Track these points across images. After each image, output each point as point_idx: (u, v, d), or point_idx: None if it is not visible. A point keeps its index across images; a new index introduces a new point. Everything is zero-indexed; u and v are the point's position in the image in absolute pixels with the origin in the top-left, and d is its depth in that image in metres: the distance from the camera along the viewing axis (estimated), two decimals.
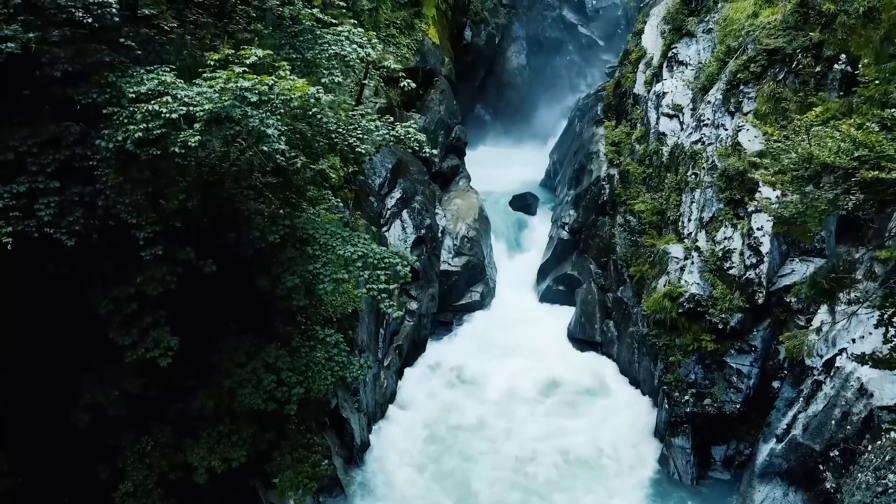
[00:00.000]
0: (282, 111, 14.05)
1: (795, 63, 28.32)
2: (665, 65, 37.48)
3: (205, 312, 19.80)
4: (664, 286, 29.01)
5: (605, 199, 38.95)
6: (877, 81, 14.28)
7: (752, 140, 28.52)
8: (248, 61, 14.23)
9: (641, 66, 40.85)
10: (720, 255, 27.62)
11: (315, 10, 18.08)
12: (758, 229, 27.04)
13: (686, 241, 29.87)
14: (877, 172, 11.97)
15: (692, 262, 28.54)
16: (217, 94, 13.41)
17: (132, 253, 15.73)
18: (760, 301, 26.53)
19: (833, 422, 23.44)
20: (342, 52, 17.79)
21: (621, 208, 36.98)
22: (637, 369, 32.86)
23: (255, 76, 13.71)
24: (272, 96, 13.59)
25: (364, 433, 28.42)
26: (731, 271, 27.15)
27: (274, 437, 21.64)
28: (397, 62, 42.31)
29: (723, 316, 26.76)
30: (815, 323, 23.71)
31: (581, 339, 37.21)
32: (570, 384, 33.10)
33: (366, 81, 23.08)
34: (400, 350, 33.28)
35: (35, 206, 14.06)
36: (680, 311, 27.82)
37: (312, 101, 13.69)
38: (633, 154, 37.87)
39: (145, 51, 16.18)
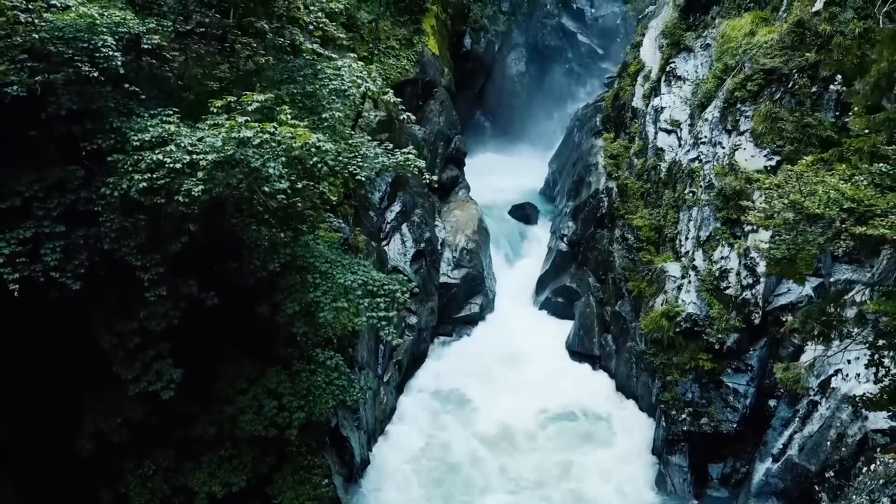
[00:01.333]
0: (283, 159, 14.26)
1: (792, 83, 28.51)
2: (663, 79, 37.69)
3: (206, 339, 20.05)
4: (662, 305, 29.25)
5: (603, 212, 39.18)
6: (867, 130, 14.50)
7: (748, 159, 28.72)
8: (250, 108, 14.47)
9: (640, 80, 41.08)
10: (717, 274, 27.85)
11: (315, 46, 18.28)
12: (755, 248, 27.22)
13: (683, 259, 30.12)
14: (864, 228, 12.21)
15: (689, 282, 28.78)
16: (221, 143, 13.64)
17: (135, 287, 15.97)
18: (757, 321, 26.75)
19: (828, 443, 23.69)
20: (342, 87, 17.99)
21: (619, 222, 37.24)
22: (635, 384, 33.08)
23: (257, 125, 13.93)
24: (274, 145, 13.81)
25: (364, 451, 28.64)
26: (727, 291, 27.38)
27: (275, 460, 21.93)
28: (397, 73, 42.92)
29: (719, 336, 26.98)
30: (808, 354, 23.95)
31: (579, 352, 37.44)
32: (569, 402, 33.22)
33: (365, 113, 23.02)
34: (399, 365, 33.49)
35: (41, 250, 14.31)
36: (677, 330, 28.05)
37: (314, 149, 13.92)
38: (632, 168, 38.10)
39: (149, 84, 16.42)
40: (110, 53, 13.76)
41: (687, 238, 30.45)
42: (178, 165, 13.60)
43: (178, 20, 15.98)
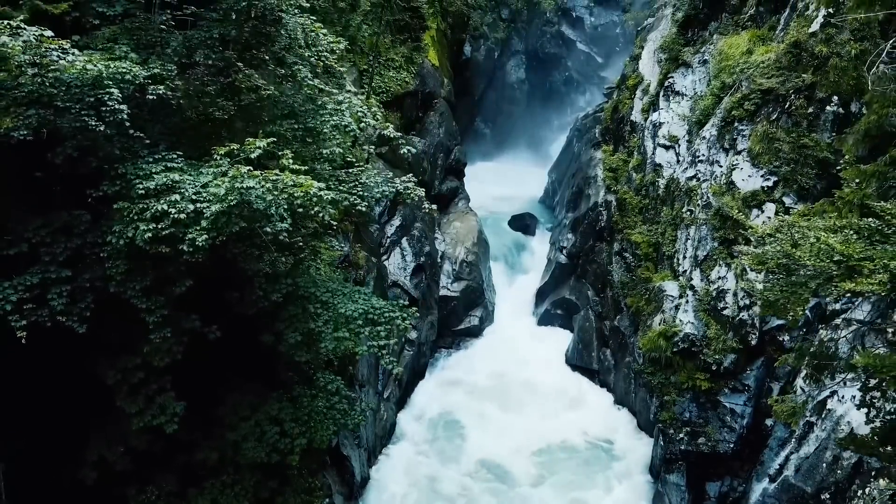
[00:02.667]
0: (285, 206, 14.49)
1: (788, 104, 28.70)
2: (662, 93, 37.89)
3: (209, 367, 20.28)
4: (659, 325, 29.48)
5: (602, 225, 39.45)
6: (857, 180, 14.73)
7: (745, 179, 28.92)
8: (252, 155, 14.71)
9: (638, 93, 41.30)
10: (714, 294, 28.07)
11: (317, 81, 18.51)
12: (751, 269, 27.43)
13: (681, 278, 30.33)
14: (853, 284, 12.45)
15: (687, 301, 29.00)
16: (224, 192, 13.88)
17: (139, 323, 16.19)
18: (754, 342, 26.94)
19: (824, 464, 23.88)
20: (343, 123, 18.22)
21: (618, 236, 37.47)
22: (633, 400, 33.33)
23: (259, 173, 14.17)
24: (276, 193, 14.05)
25: (364, 469, 28.89)
26: (724, 312, 27.59)
27: (276, 484, 22.19)
28: (397, 86, 43.07)
29: (717, 357, 27.20)
30: (801, 388, 24.21)
31: (578, 366, 37.70)
32: (567, 421, 33.37)
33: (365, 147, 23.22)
34: (399, 382, 33.73)
35: (48, 295, 14.56)
36: (675, 350, 28.29)
37: (315, 199, 14.16)
38: (630, 182, 38.31)
39: (152, 119, 16.64)
40: (116, 107, 13.99)
41: (685, 257, 30.66)
42: (183, 216, 13.86)
43: (181, 61, 16.16)
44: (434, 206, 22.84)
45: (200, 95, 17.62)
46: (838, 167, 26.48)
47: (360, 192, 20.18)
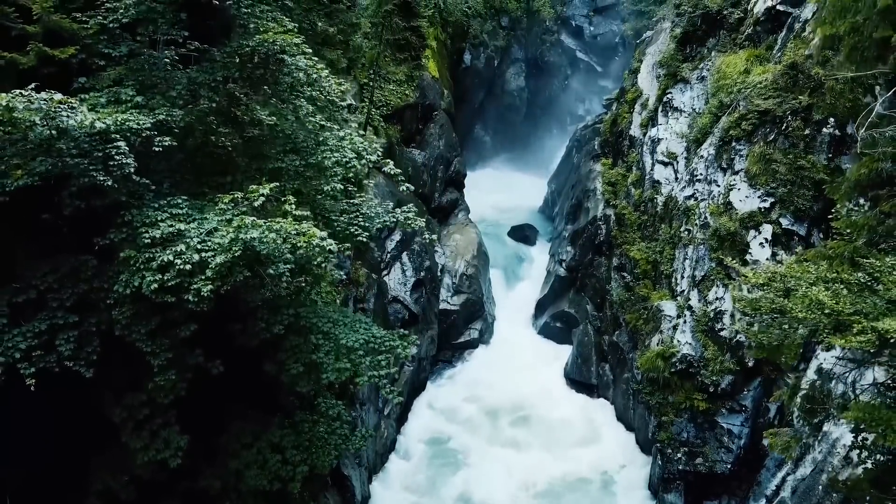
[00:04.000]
0: (288, 255, 14.75)
1: (785, 125, 28.93)
2: (660, 109, 38.14)
3: (212, 397, 20.51)
4: (657, 345, 29.75)
5: (601, 239, 39.71)
6: (847, 231, 15.00)
7: (743, 200, 29.17)
8: (256, 203, 14.96)
9: (637, 107, 41.54)
10: (712, 315, 28.33)
11: (318, 118, 18.76)
12: (748, 291, 27.66)
13: (679, 298, 30.59)
14: (842, 341, 12.72)
15: (685, 322, 29.26)
16: (228, 242, 14.14)
17: (144, 361, 16.45)
18: (751, 363, 27.18)
19: (820, 487, 24.06)
20: (344, 159, 18.48)
21: (617, 251, 37.74)
22: (632, 416, 33.57)
23: (263, 223, 14.42)
24: (280, 242, 14.30)
25: (364, 487, 29.15)
26: (721, 333, 27.86)
27: None
28: (397, 99, 43.30)
29: (714, 378, 27.47)
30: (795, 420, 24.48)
31: (577, 380, 37.93)
32: (567, 437, 33.60)
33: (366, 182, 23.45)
34: (401, 399, 33.89)
35: (56, 341, 14.83)
36: (672, 370, 28.56)
37: (318, 249, 14.41)
38: (629, 198, 38.57)
39: (157, 158, 16.86)
40: (123, 161, 14.26)
41: (682, 276, 30.92)
42: (189, 267, 14.12)
43: (186, 104, 16.40)
44: (434, 237, 23.15)
45: (204, 131, 17.84)
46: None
47: (362, 224, 20.43)
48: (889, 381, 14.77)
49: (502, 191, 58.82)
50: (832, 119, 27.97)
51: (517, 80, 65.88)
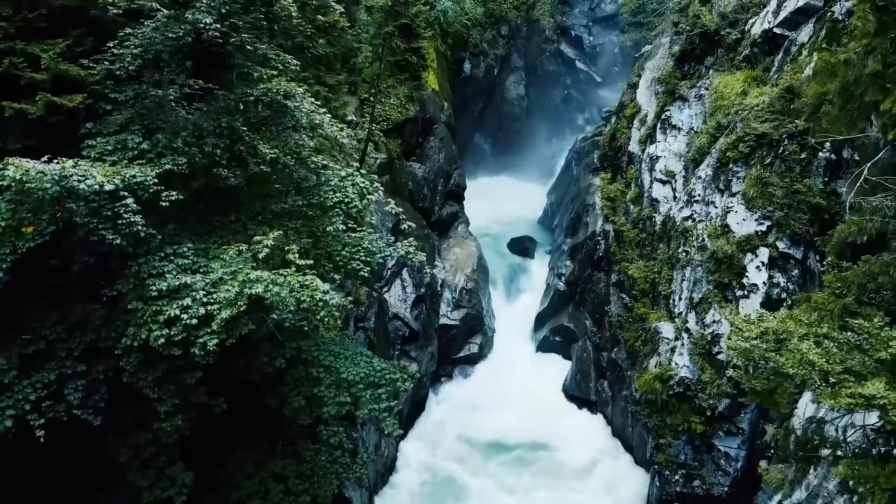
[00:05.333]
0: (292, 308, 15.06)
1: (782, 149, 29.19)
2: (659, 126, 38.40)
3: (215, 430, 20.83)
4: (655, 367, 30.05)
5: (600, 254, 39.99)
6: (839, 285, 15.30)
7: (740, 223, 29.45)
8: (260, 255, 15.28)
9: (636, 123, 41.80)
10: (709, 338, 28.62)
11: (320, 158, 19.06)
12: (746, 315, 27.93)
13: (677, 320, 30.88)
14: (832, 401, 13.05)
15: (682, 344, 29.55)
16: (233, 296, 14.45)
17: (150, 401, 16.76)
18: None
19: None
20: (345, 199, 18.79)
21: (616, 267, 38.05)
22: (630, 434, 33.87)
23: (267, 276, 14.73)
24: (284, 295, 14.60)
25: None
26: (719, 356, 28.15)
27: None
28: (398, 113, 43.52)
29: (711, 402, 27.78)
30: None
31: (576, 396, 38.26)
32: (566, 454, 33.89)
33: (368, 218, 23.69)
34: (400, 415, 34.18)
35: (64, 390, 15.16)
36: (670, 393, 28.85)
37: (321, 303, 14.72)
38: (628, 214, 38.87)
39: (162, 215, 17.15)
40: (132, 219, 14.58)
41: (680, 298, 31.22)
42: (195, 322, 14.45)
43: (191, 148, 16.69)
44: (434, 271, 23.36)
45: (208, 171, 18.13)
46: (832, 212, 27.25)
47: (363, 258, 20.73)
48: (878, 424, 15.07)
49: (502, 200, 58.87)
50: (828, 143, 28.22)
51: (517, 89, 66.14)
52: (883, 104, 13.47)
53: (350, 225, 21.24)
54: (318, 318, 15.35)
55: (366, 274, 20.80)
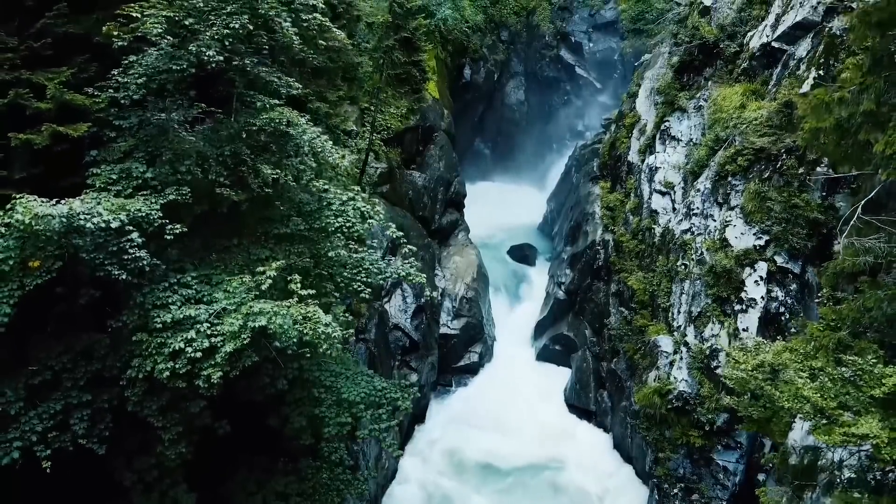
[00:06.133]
0: (295, 340, 15.26)
1: (780, 163, 29.36)
2: (658, 136, 38.56)
3: (217, 449, 21.02)
4: (654, 381, 30.27)
5: (599, 264, 40.20)
6: (832, 320, 15.51)
7: (738, 237, 29.63)
8: (263, 287, 15.48)
9: (635, 133, 41.97)
10: (707, 352, 28.81)
11: (321, 183, 19.25)
12: (743, 330, 28.19)
13: (676, 333, 31.08)
14: (826, 437, 13.26)
15: (681, 358, 29.75)
16: (237, 329, 14.66)
17: (153, 427, 16.96)
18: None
19: None
20: (347, 224, 18.98)
21: (615, 277, 38.26)
22: (630, 445, 34.09)
23: (270, 308, 14.93)
24: (286, 328, 14.81)
25: None
26: (717, 371, 28.33)
27: None
28: (398, 122, 43.66)
29: (709, 416, 27.97)
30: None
31: (576, 406, 38.47)
32: (566, 475, 34.01)
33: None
34: (401, 426, 34.42)
35: (70, 420, 15.36)
36: (669, 406, 29.05)
37: (323, 336, 14.92)
38: (627, 225, 39.07)
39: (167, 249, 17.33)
40: (137, 254, 14.78)
41: (679, 311, 31.41)
42: (199, 355, 14.66)
43: (196, 181, 16.88)
44: (436, 294, 23.51)
45: (210, 195, 18.30)
46: (830, 226, 27.43)
47: (364, 279, 20.92)
48: (873, 452, 15.26)
49: (502, 205, 59.03)
50: (826, 158, 28.38)
51: (517, 94, 66.34)
52: (876, 146, 13.65)
53: (352, 246, 21.42)
54: (321, 350, 15.51)
55: (367, 295, 21.00)
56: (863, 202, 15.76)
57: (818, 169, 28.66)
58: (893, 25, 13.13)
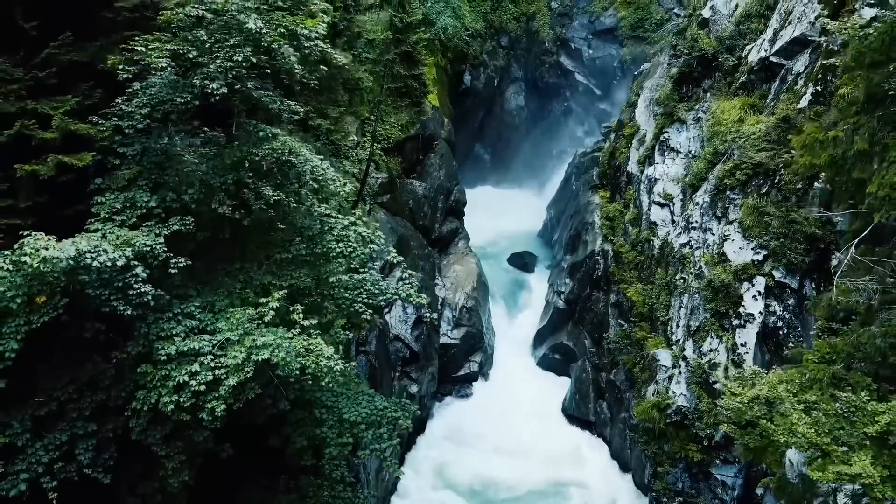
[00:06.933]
0: (297, 372, 15.48)
1: (778, 178, 29.53)
2: (657, 148, 38.76)
3: (220, 469, 21.22)
4: (653, 395, 30.48)
5: (599, 274, 40.39)
6: (827, 353, 15.71)
7: (737, 252, 29.82)
8: (266, 318, 15.69)
9: (635, 143, 42.17)
10: (706, 367, 29.00)
11: (323, 207, 19.46)
12: (741, 345, 28.39)
13: (674, 347, 31.29)
14: (820, 474, 13.47)
15: (680, 372, 29.96)
16: (241, 362, 14.87)
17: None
18: None
19: None
20: (348, 250, 19.20)
21: (615, 287, 38.47)
22: (629, 456, 34.30)
23: (273, 339, 15.15)
24: (289, 360, 15.03)
25: None
26: (716, 385, 28.50)
27: None
28: (399, 131, 43.80)
29: (708, 431, 28.17)
30: None
31: (575, 416, 38.65)
32: (566, 484, 34.23)
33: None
34: (401, 438, 34.57)
35: (75, 451, 15.57)
36: (667, 421, 29.27)
37: (325, 370, 15.13)
38: (627, 235, 39.27)
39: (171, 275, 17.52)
40: (142, 290, 15.00)
41: (678, 325, 31.62)
42: (203, 388, 14.87)
43: (199, 209, 17.11)
44: (434, 315, 23.72)
45: (213, 221, 18.51)
46: (828, 241, 27.60)
47: (365, 301, 21.14)
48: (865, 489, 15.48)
49: (502, 211, 59.19)
50: (823, 174, 28.54)
51: (517, 100, 66.52)
52: (869, 186, 13.84)
53: (353, 266, 21.62)
54: (322, 383, 15.72)
55: (368, 317, 21.23)
56: (855, 241, 15.95)
57: (816, 184, 28.85)
58: (886, 65, 13.30)
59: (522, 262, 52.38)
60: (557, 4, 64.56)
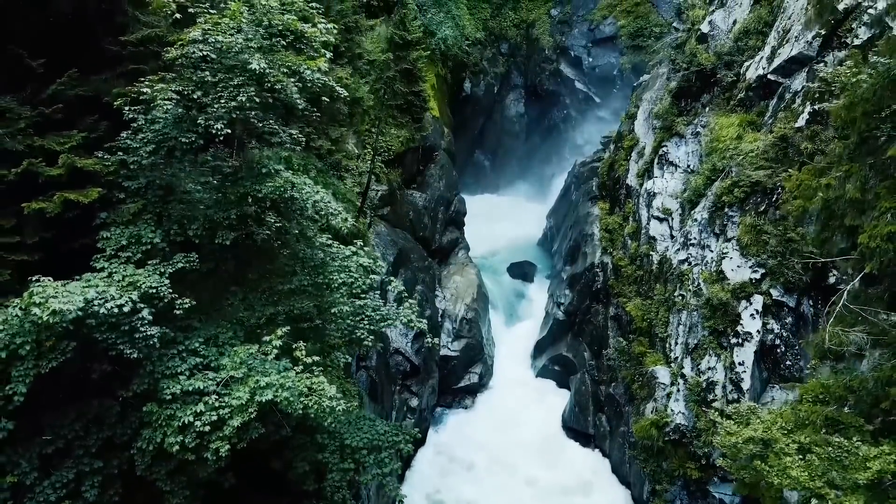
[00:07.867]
0: (300, 412, 15.74)
1: (776, 197, 29.75)
2: (656, 161, 38.96)
3: (221, 494, 21.48)
4: (652, 413, 30.70)
5: (598, 286, 40.64)
6: (821, 394, 15.94)
7: (735, 269, 30.04)
8: (269, 357, 15.95)
9: (634, 156, 42.40)
10: (704, 385, 29.24)
11: (325, 237, 19.72)
12: (739, 364, 28.61)
13: (673, 365, 31.52)
14: None
15: (678, 390, 30.20)
16: (244, 402, 15.13)
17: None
18: None
19: None
20: (349, 280, 19.46)
21: (614, 300, 38.71)
22: (628, 470, 34.56)
23: (276, 381, 15.40)
24: (292, 401, 15.29)
25: None
26: (714, 404, 28.76)
27: None
28: (399, 143, 43.98)
29: (706, 450, 28.39)
30: None
31: (575, 429, 38.91)
32: (565, 494, 34.51)
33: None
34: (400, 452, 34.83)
35: (81, 488, 15.82)
36: (666, 439, 29.50)
37: (328, 410, 15.39)
38: (626, 248, 39.50)
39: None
40: (147, 333, 15.26)
41: (676, 343, 31.85)
42: (207, 429, 15.13)
43: (204, 242, 17.37)
44: (437, 340, 23.94)
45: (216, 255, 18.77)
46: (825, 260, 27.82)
47: (368, 327, 21.41)
48: None
49: (501, 218, 59.57)
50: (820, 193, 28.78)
51: (516, 107, 66.90)
52: (860, 237, 14.07)
53: (354, 291, 21.86)
54: (325, 424, 15.99)
55: (369, 343, 21.48)
56: (847, 288, 16.20)
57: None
58: (878, 112, 13.53)
59: (522, 271, 52.66)
60: (557, 12, 64.83)
